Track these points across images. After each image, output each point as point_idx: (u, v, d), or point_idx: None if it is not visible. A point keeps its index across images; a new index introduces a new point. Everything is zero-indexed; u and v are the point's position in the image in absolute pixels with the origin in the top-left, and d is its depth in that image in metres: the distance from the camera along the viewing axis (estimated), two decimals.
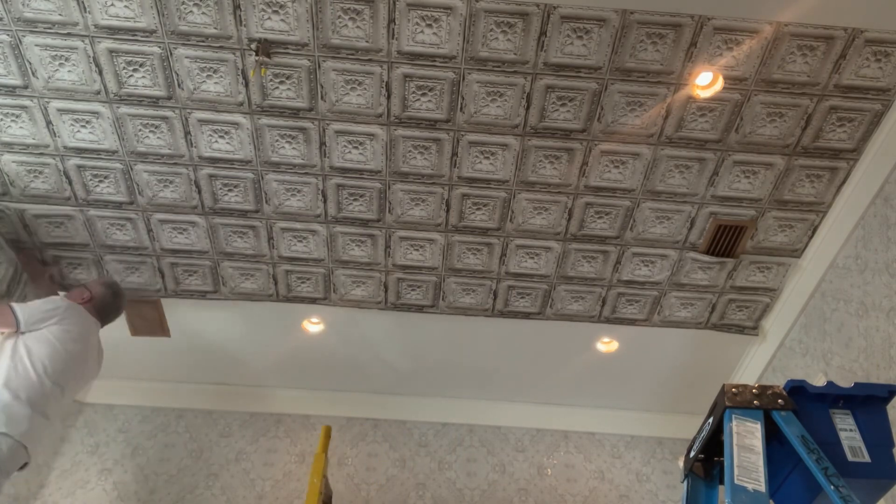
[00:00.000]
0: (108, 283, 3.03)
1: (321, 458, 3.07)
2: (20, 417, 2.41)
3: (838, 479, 1.59)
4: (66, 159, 2.95)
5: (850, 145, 2.85)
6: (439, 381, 4.06)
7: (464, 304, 3.53)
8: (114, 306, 3.00)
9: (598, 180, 2.99)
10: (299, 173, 3.00)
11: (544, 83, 2.68)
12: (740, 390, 1.83)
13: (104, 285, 3.00)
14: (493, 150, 2.90)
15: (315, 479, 2.97)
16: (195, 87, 2.72)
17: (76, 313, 2.75)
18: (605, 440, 4.17)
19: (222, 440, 4.04)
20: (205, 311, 3.57)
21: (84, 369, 2.75)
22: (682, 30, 2.52)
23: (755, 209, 3.08)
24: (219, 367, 4.02)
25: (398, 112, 2.78)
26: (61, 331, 2.62)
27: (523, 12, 2.49)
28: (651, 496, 4.00)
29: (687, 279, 3.37)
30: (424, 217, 3.15)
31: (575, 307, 3.52)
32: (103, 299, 2.94)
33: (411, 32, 2.55)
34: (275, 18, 2.53)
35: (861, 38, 2.54)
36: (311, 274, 3.41)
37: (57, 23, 2.55)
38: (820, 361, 3.13)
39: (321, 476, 3.01)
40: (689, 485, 1.95)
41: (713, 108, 2.75)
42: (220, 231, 3.22)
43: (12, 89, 2.73)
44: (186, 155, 2.94)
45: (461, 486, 3.96)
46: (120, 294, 3.05)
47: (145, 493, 3.84)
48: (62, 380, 2.59)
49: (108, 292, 2.97)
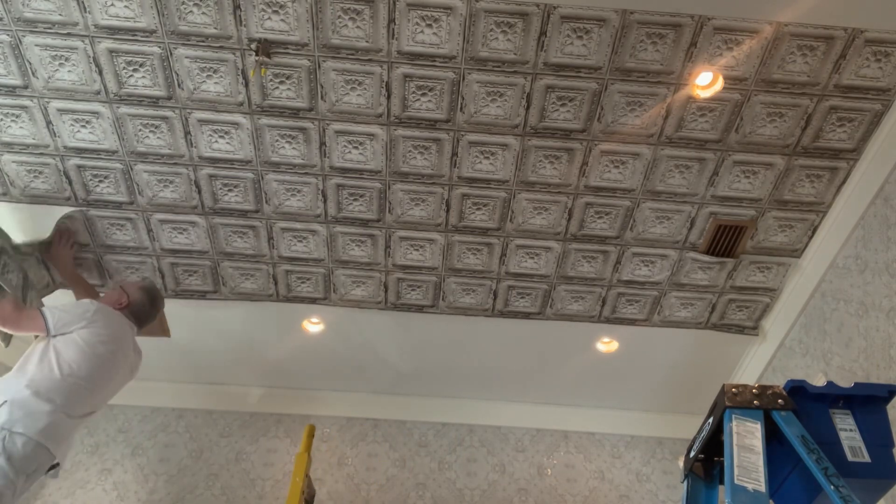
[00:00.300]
0: (147, 288, 2.92)
1: (304, 458, 3.06)
2: (38, 414, 2.36)
3: (838, 479, 1.59)
4: (66, 159, 2.95)
5: (850, 145, 2.85)
6: (439, 381, 4.06)
7: (464, 304, 3.53)
8: (152, 311, 2.92)
9: (598, 180, 2.99)
10: (299, 173, 3.00)
11: (544, 83, 2.68)
12: (740, 390, 1.83)
13: (142, 290, 2.89)
14: (493, 150, 2.90)
15: (297, 479, 2.96)
16: (195, 87, 2.72)
17: (108, 316, 2.68)
18: (605, 440, 4.17)
19: (222, 440, 4.04)
20: (205, 311, 3.57)
21: (114, 372, 2.68)
22: (682, 30, 2.52)
23: (755, 209, 3.08)
24: (219, 367, 4.02)
25: (398, 112, 2.78)
26: (90, 333, 2.57)
27: (523, 12, 2.49)
28: (651, 496, 4.00)
29: (687, 279, 3.37)
30: (424, 217, 3.15)
31: (575, 307, 3.52)
32: (141, 305, 2.85)
33: (411, 32, 2.55)
34: (275, 18, 2.53)
35: (861, 38, 2.54)
36: (311, 274, 3.41)
37: (57, 23, 2.55)
38: (820, 361, 3.13)
39: (303, 475, 2.99)
40: (689, 485, 1.95)
41: (713, 108, 2.75)
42: (220, 231, 3.22)
43: (12, 89, 2.73)
44: (186, 155, 2.94)
45: (461, 486, 3.96)
46: (158, 298, 2.96)
47: (145, 493, 3.84)
48: (89, 380, 2.54)
49: (145, 298, 2.87)
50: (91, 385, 2.56)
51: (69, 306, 2.68)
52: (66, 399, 2.47)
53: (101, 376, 2.61)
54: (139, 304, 2.84)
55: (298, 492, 2.91)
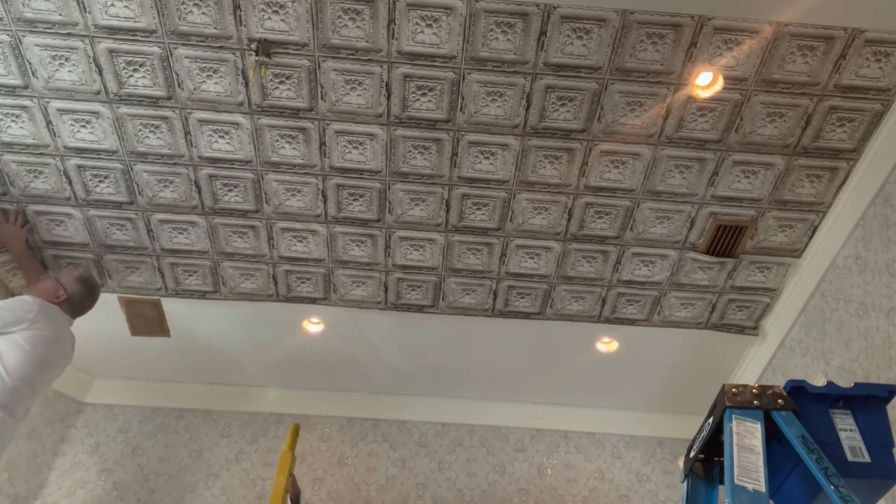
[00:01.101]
0: (83, 279, 2.88)
1: (288, 456, 3.03)
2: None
3: (838, 479, 1.59)
4: (66, 159, 2.95)
5: (850, 145, 2.85)
6: (439, 381, 4.06)
7: (464, 304, 3.53)
8: (88, 301, 2.88)
9: (598, 180, 2.99)
10: (299, 173, 3.00)
11: (544, 83, 2.68)
12: (740, 390, 1.83)
13: (79, 281, 2.85)
14: (493, 150, 2.90)
15: (281, 477, 2.93)
16: (195, 87, 2.72)
17: (49, 315, 2.63)
18: (605, 440, 4.17)
19: (222, 440, 4.04)
20: (205, 311, 3.57)
21: (56, 369, 2.68)
22: (682, 30, 2.52)
23: (755, 209, 3.08)
24: (219, 367, 4.02)
25: (398, 112, 2.78)
26: (33, 335, 2.53)
27: (523, 12, 2.49)
28: (651, 496, 4.00)
29: (687, 279, 3.37)
30: (424, 217, 3.15)
31: (575, 307, 3.52)
32: (79, 297, 2.81)
33: (411, 32, 2.55)
34: (275, 18, 2.53)
35: (861, 38, 2.54)
36: (311, 274, 3.41)
37: (57, 23, 2.55)
38: (820, 361, 3.13)
39: (287, 474, 2.96)
40: (689, 485, 1.95)
41: (713, 108, 2.75)
42: (220, 231, 3.22)
43: (12, 89, 2.73)
44: (186, 155, 2.94)
45: (461, 487, 3.96)
46: (94, 289, 2.92)
47: (145, 494, 3.84)
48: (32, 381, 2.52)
49: (83, 290, 2.83)
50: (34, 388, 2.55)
51: (10, 304, 2.60)
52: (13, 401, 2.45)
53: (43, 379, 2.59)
54: (77, 296, 2.80)
55: (282, 490, 2.88)
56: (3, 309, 2.55)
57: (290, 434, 3.17)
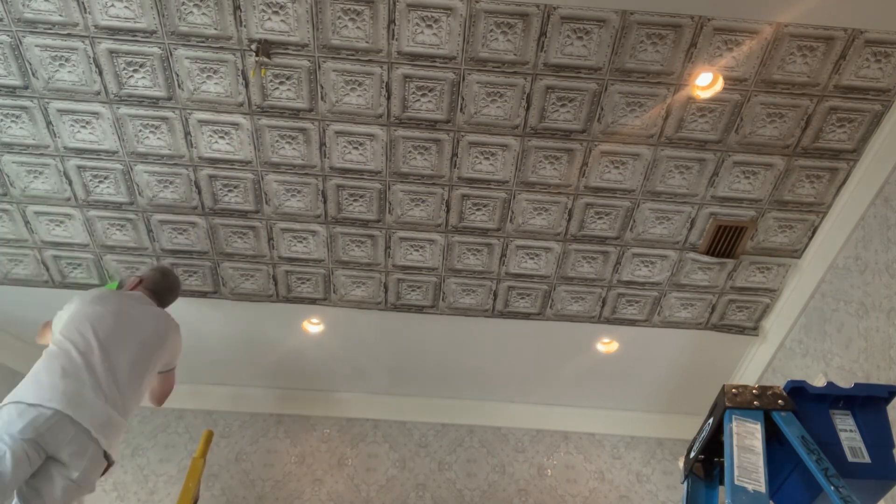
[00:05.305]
0: (157, 266, 3.18)
1: (199, 463, 3.01)
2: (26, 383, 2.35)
3: (838, 479, 1.59)
4: (66, 160, 2.95)
5: (850, 146, 2.85)
6: (439, 382, 4.06)
7: (464, 304, 3.53)
8: (164, 284, 3.00)
9: (598, 181, 2.99)
10: (299, 174, 3.00)
11: (544, 84, 2.68)
12: (740, 391, 1.82)
13: (153, 269, 3.10)
14: (493, 151, 2.90)
15: (190, 483, 2.89)
16: (195, 87, 2.72)
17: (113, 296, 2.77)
18: (605, 441, 4.17)
19: (222, 440, 4.04)
20: (205, 311, 3.57)
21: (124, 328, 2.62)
22: (681, 30, 2.52)
23: (755, 210, 3.08)
24: (219, 368, 4.01)
25: (398, 112, 2.78)
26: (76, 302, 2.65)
27: (523, 13, 2.49)
28: (651, 497, 3.99)
29: (687, 280, 3.37)
30: (424, 217, 3.15)
31: (575, 308, 3.52)
32: (153, 279, 2.98)
33: (411, 33, 2.55)
34: (275, 19, 2.53)
35: (861, 38, 2.54)
36: (311, 274, 3.41)
37: (57, 23, 2.55)
38: (820, 362, 3.13)
39: (197, 481, 2.94)
40: (689, 485, 1.95)
41: (713, 109, 2.75)
42: (220, 231, 3.22)
43: (12, 90, 2.73)
44: (186, 155, 2.94)
45: (461, 487, 3.96)
46: (168, 272, 3.09)
47: (146, 494, 3.84)
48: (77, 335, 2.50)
49: (156, 273, 3.03)
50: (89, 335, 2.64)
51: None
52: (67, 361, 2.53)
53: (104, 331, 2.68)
54: (150, 279, 2.98)
55: (190, 498, 2.86)
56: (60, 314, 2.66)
57: (202, 441, 3.15)
